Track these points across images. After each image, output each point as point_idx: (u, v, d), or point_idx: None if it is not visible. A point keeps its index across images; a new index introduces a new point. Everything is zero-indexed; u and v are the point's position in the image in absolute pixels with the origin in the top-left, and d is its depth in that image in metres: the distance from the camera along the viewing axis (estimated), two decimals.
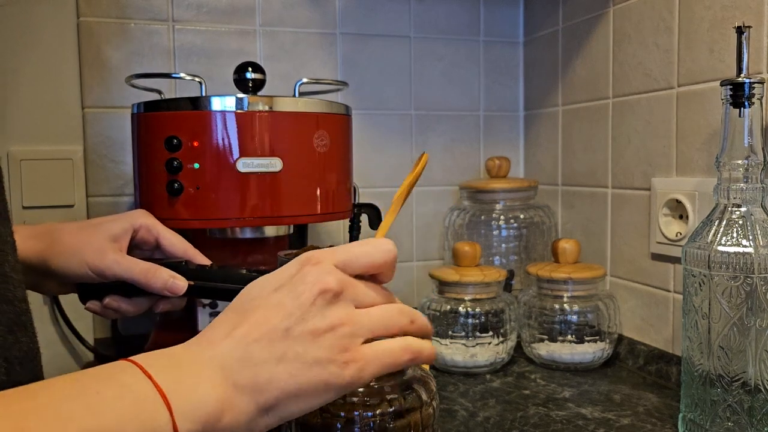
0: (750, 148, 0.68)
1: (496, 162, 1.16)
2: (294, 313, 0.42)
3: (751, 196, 0.68)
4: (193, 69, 1.08)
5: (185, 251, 0.72)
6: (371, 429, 0.56)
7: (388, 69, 1.21)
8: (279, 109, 0.80)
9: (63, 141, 1.04)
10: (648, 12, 0.95)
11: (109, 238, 0.67)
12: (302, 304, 0.42)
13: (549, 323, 0.99)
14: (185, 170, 0.78)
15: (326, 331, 0.42)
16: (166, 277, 0.66)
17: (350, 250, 0.46)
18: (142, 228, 0.71)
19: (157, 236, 0.72)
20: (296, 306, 0.42)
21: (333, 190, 0.85)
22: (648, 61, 0.95)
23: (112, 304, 0.68)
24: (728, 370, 0.67)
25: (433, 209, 1.26)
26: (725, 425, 0.68)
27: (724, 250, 0.67)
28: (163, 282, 0.66)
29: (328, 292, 0.43)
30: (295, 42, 1.14)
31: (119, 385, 0.38)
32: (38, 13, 1.02)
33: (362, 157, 1.19)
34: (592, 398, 0.86)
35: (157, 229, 0.72)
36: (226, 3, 1.10)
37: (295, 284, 0.43)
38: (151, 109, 0.81)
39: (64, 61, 1.03)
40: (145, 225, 0.71)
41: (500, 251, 1.15)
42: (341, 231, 1.19)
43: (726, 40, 0.82)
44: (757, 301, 0.66)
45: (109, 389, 0.37)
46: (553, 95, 1.20)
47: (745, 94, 0.67)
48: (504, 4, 1.28)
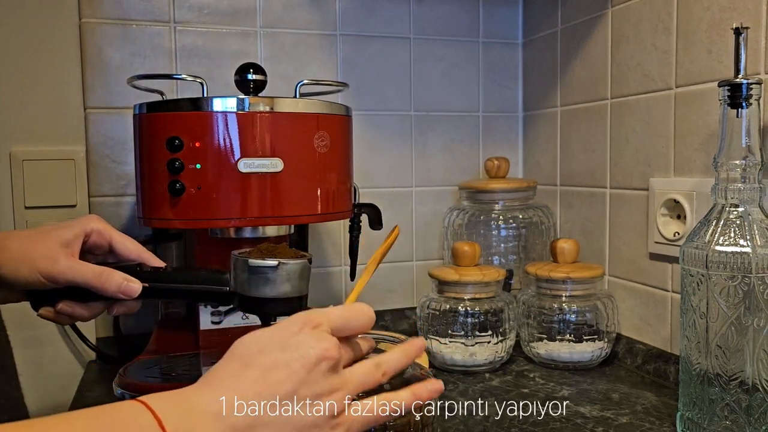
0: (748, 148, 0.68)
1: (495, 162, 1.16)
2: (300, 376, 0.46)
3: (749, 197, 0.68)
4: (195, 70, 1.09)
5: (139, 254, 0.71)
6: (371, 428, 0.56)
7: (388, 70, 1.21)
8: (280, 110, 0.81)
9: (65, 141, 1.05)
10: (646, 13, 0.95)
11: (60, 243, 0.66)
12: (308, 368, 0.46)
13: (548, 322, 0.99)
14: (187, 170, 0.78)
15: (325, 396, 0.46)
16: (120, 280, 0.65)
17: (343, 316, 0.51)
18: (94, 232, 0.69)
19: (110, 240, 0.71)
20: (302, 369, 0.46)
21: (333, 190, 0.85)
22: (646, 61, 0.96)
23: (66, 309, 0.67)
24: (726, 369, 0.68)
25: (432, 209, 1.26)
26: (723, 424, 0.68)
27: (721, 249, 0.67)
28: (117, 285, 0.65)
29: (330, 359, 0.47)
30: (295, 43, 1.15)
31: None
32: (40, 14, 1.02)
33: (362, 157, 1.19)
34: (591, 397, 0.87)
35: (110, 233, 0.71)
36: (227, 4, 1.11)
37: (299, 346, 0.47)
38: (152, 110, 0.81)
39: (66, 62, 1.04)
40: (97, 229, 0.70)
41: (499, 251, 1.16)
42: (341, 231, 1.20)
43: (724, 41, 0.82)
44: (754, 301, 0.66)
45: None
46: (552, 96, 1.20)
47: (743, 94, 0.68)
48: (503, 6, 1.28)
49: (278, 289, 0.67)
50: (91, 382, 0.97)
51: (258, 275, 0.66)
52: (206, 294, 0.70)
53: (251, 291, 0.67)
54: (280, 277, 0.67)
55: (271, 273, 0.66)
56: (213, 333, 0.91)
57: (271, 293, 0.67)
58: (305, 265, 0.69)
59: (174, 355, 0.87)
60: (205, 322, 0.91)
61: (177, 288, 0.69)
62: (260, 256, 0.67)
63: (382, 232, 1.20)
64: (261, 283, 0.66)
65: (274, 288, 0.67)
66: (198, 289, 0.69)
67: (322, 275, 1.19)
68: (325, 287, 1.20)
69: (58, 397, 1.05)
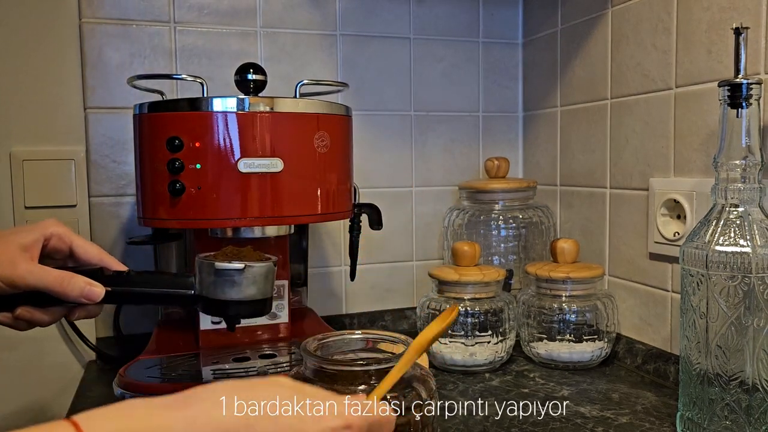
0: (748, 148, 0.68)
1: (495, 162, 1.16)
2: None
3: (749, 197, 0.68)
4: (195, 70, 1.09)
5: (101, 258, 0.69)
6: None
7: (388, 70, 1.21)
8: (280, 110, 0.81)
9: (65, 141, 1.05)
10: (646, 13, 0.95)
11: (19, 248, 0.64)
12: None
13: (548, 322, 0.99)
14: (187, 170, 0.78)
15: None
16: (82, 285, 0.64)
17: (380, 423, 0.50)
18: (54, 236, 0.68)
19: (70, 244, 0.69)
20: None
21: (333, 190, 0.85)
22: (646, 62, 0.96)
23: (25, 315, 0.65)
24: (726, 369, 0.68)
25: (432, 209, 1.26)
26: (723, 424, 0.68)
27: (721, 249, 0.67)
28: (79, 289, 0.64)
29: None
30: (295, 43, 1.15)
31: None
32: (40, 14, 1.02)
33: (362, 157, 1.19)
34: (591, 397, 0.87)
35: (70, 237, 0.69)
36: (227, 4, 1.11)
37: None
38: (153, 110, 0.81)
39: (66, 62, 1.04)
40: (57, 233, 0.68)
41: (499, 251, 1.16)
42: (341, 231, 1.20)
43: (724, 41, 0.82)
44: (754, 301, 0.66)
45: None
46: (552, 96, 1.20)
47: (743, 94, 0.68)
48: (503, 6, 1.28)
49: (244, 291, 0.67)
50: (91, 382, 0.97)
51: (224, 278, 0.66)
52: (170, 297, 0.69)
53: (217, 294, 0.67)
54: (246, 280, 0.67)
55: (237, 276, 0.66)
56: (213, 333, 0.91)
57: (237, 296, 0.67)
58: (270, 268, 0.69)
59: (174, 355, 0.87)
60: (205, 322, 0.91)
61: (140, 292, 0.68)
62: (226, 259, 0.68)
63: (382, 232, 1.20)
64: (227, 286, 0.67)
65: (240, 291, 0.67)
66: (162, 293, 0.69)
67: (322, 275, 1.19)
68: (325, 287, 1.20)
69: (58, 397, 1.06)
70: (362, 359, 0.60)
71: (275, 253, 0.94)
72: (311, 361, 0.60)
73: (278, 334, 0.94)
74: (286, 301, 0.95)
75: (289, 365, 0.82)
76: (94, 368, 1.04)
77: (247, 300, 0.68)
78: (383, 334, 0.67)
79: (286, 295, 0.95)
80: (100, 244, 1.04)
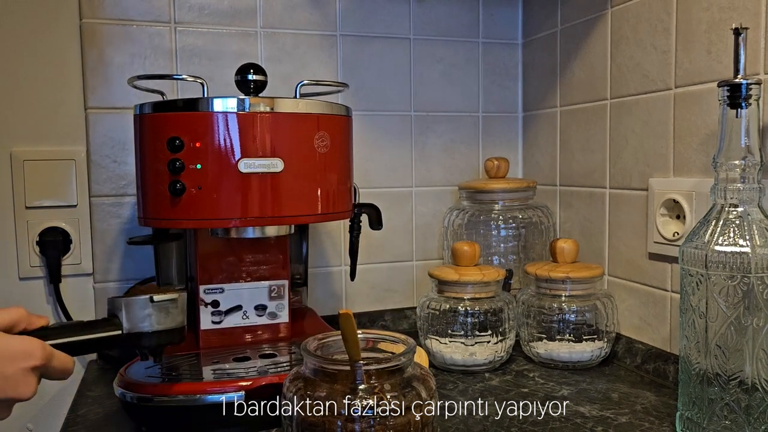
0: (747, 148, 0.68)
1: (494, 162, 1.16)
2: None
3: (748, 197, 0.68)
4: (195, 70, 1.09)
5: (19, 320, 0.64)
6: (371, 426, 0.56)
7: (388, 70, 1.21)
8: (280, 110, 0.81)
9: (66, 141, 1.05)
10: (646, 14, 0.96)
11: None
12: None
13: (547, 322, 0.99)
14: (187, 171, 0.78)
15: None
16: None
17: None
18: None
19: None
20: None
21: (333, 191, 0.85)
22: (646, 62, 0.96)
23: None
24: (725, 368, 0.68)
25: (432, 209, 1.26)
26: (722, 423, 0.68)
27: (721, 249, 0.67)
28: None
29: None
30: (295, 44, 1.15)
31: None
32: (41, 15, 1.02)
33: (362, 157, 1.19)
34: (590, 396, 0.87)
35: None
36: (227, 5, 1.11)
37: None
38: (153, 110, 0.81)
39: (66, 63, 1.04)
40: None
41: (499, 251, 1.16)
42: (341, 231, 1.20)
43: (723, 42, 0.83)
44: (754, 301, 0.66)
45: None
46: (552, 96, 1.21)
47: (743, 95, 0.68)
48: (503, 6, 1.28)
49: (176, 319, 0.72)
50: (92, 382, 0.97)
51: (159, 309, 0.71)
52: (100, 341, 0.69)
53: (153, 326, 0.70)
54: (178, 308, 0.72)
55: (172, 305, 0.71)
56: (213, 333, 0.91)
57: (171, 324, 0.71)
58: (185, 297, 0.75)
59: (174, 355, 0.87)
60: (205, 322, 0.91)
61: (69, 342, 0.66)
62: (157, 292, 0.72)
63: (382, 232, 1.21)
64: (162, 316, 0.71)
65: (173, 319, 0.72)
66: (92, 339, 0.68)
67: (322, 275, 1.20)
68: (325, 287, 1.20)
69: (58, 397, 1.06)
70: (362, 359, 0.60)
71: (275, 254, 0.95)
72: (311, 360, 0.60)
73: (278, 334, 0.94)
74: (286, 301, 0.95)
75: (290, 365, 0.83)
76: (95, 368, 1.04)
77: (179, 327, 0.72)
78: (383, 333, 0.67)
79: (286, 295, 0.95)
80: (100, 244, 1.05)
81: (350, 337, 0.60)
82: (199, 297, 0.91)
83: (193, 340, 0.93)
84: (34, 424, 1.05)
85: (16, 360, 0.56)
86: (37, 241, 1.03)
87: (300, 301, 1.10)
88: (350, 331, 0.60)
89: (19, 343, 0.57)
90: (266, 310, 0.94)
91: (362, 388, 0.57)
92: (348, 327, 0.60)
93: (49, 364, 0.58)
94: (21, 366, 0.56)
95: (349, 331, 0.60)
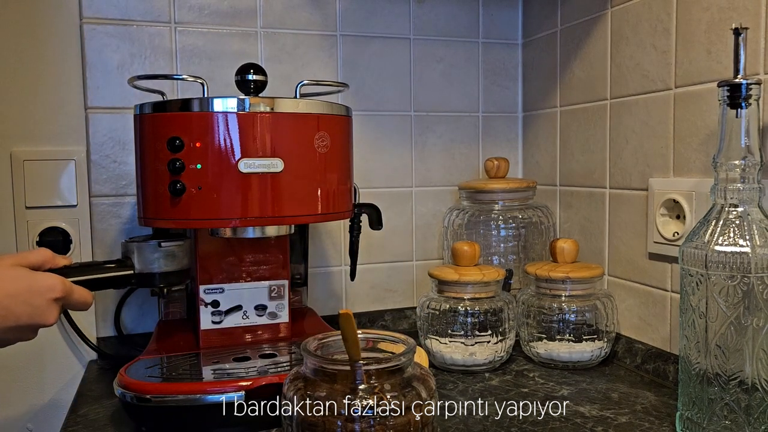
0: (747, 148, 0.68)
1: (494, 162, 1.16)
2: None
3: (748, 197, 0.68)
4: (195, 70, 1.09)
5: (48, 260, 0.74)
6: (371, 426, 0.56)
7: (388, 70, 1.21)
8: (280, 111, 0.81)
9: (66, 141, 1.05)
10: (645, 14, 0.96)
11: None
12: None
13: (547, 322, 0.99)
14: (187, 171, 0.78)
15: None
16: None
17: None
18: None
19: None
20: None
21: (333, 191, 0.86)
22: (645, 62, 0.96)
23: None
24: (725, 368, 0.68)
25: (432, 209, 1.26)
26: (722, 423, 0.68)
27: (721, 249, 0.68)
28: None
29: None
30: (295, 44, 1.15)
31: None
32: (41, 14, 1.02)
33: (362, 157, 1.19)
34: (590, 396, 0.87)
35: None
36: (227, 5, 1.11)
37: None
38: (153, 110, 0.81)
39: (66, 63, 1.04)
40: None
41: (499, 251, 1.16)
42: (341, 231, 1.20)
43: (723, 42, 0.83)
44: (753, 301, 0.66)
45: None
46: (552, 96, 1.21)
47: (742, 95, 0.68)
48: (503, 6, 1.28)
49: (182, 262, 0.84)
50: (92, 381, 0.97)
51: (167, 253, 0.83)
52: (115, 279, 0.80)
53: (162, 267, 0.82)
54: (183, 252, 0.84)
55: (178, 250, 0.84)
56: (213, 333, 0.91)
57: (178, 266, 0.84)
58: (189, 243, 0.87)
59: (174, 354, 0.87)
60: (205, 322, 0.91)
61: (88, 279, 0.76)
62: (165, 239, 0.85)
63: (382, 232, 1.21)
64: (169, 260, 0.83)
65: (180, 262, 0.84)
66: (108, 277, 0.79)
67: (322, 275, 1.20)
68: (325, 287, 1.20)
69: (58, 397, 1.06)
70: (362, 359, 0.60)
71: (275, 253, 0.95)
72: (311, 360, 0.60)
73: (278, 334, 0.94)
74: (286, 300, 0.95)
75: (290, 365, 0.83)
76: (95, 368, 1.04)
77: (185, 269, 0.85)
78: (383, 333, 0.67)
79: (286, 294, 0.95)
80: (100, 244, 1.05)
81: (350, 337, 0.60)
82: (199, 297, 0.91)
83: (192, 339, 0.93)
84: (34, 424, 1.05)
85: (42, 293, 0.65)
86: (37, 241, 1.03)
87: (300, 301, 1.10)
88: (350, 331, 0.60)
89: (44, 278, 0.66)
90: (266, 310, 0.94)
91: (362, 388, 0.57)
92: (348, 327, 0.60)
93: (69, 296, 0.68)
94: (46, 297, 0.65)
95: (349, 331, 0.60)
